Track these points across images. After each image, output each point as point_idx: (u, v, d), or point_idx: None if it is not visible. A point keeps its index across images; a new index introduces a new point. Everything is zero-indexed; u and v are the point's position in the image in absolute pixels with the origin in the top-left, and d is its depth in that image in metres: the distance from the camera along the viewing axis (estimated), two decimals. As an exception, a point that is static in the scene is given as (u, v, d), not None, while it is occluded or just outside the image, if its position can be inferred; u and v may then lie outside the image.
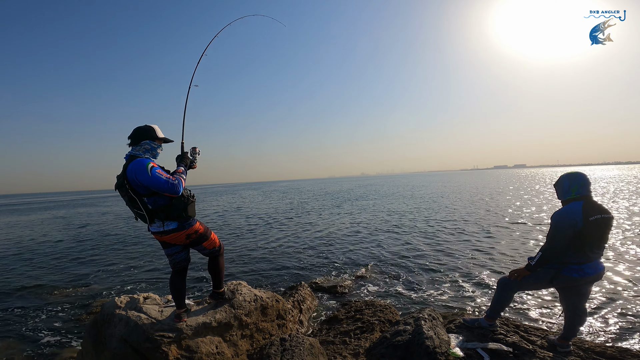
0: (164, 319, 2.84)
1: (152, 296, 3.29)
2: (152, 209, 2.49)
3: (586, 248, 2.52)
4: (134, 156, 2.49)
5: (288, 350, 2.90)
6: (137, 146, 2.54)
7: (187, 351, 2.72)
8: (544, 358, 2.49)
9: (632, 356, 2.60)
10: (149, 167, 2.38)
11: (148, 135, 2.55)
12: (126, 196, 2.49)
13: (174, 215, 2.54)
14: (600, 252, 2.58)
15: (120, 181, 2.48)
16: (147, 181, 2.37)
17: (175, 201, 2.54)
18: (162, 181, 2.40)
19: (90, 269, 8.57)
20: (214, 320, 2.96)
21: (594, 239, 2.52)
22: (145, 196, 2.47)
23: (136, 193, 2.44)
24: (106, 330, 2.86)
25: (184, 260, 2.85)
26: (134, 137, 2.55)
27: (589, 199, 2.60)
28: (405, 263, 7.59)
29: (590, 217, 2.49)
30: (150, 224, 2.58)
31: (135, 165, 2.39)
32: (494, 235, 10.09)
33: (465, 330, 2.94)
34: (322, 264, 7.92)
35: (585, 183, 2.62)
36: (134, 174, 2.38)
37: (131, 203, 2.50)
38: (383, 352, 2.70)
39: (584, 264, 2.53)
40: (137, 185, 2.42)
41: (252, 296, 3.44)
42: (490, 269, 6.77)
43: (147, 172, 2.36)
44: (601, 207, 2.57)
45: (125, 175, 2.43)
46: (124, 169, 2.46)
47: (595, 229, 2.50)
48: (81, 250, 11.14)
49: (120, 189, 2.50)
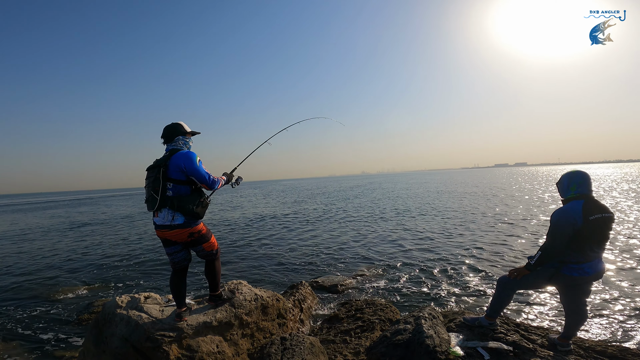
0: (165, 318, 2.84)
1: (152, 295, 3.30)
2: (170, 196, 2.63)
3: (586, 247, 2.51)
4: (176, 149, 2.75)
5: (289, 349, 2.91)
6: (173, 142, 2.79)
7: (188, 350, 2.72)
8: (544, 357, 2.49)
9: (632, 355, 2.60)
10: (197, 159, 2.71)
11: (179, 131, 2.81)
12: (153, 176, 2.65)
13: (185, 209, 2.64)
14: (601, 252, 2.57)
15: (157, 162, 2.71)
16: (194, 170, 2.67)
17: (194, 197, 2.72)
18: (204, 173, 2.73)
19: (91, 268, 8.59)
20: (215, 319, 2.97)
21: (595, 238, 2.50)
22: (173, 182, 2.64)
23: (166, 177, 2.62)
24: (107, 330, 2.87)
25: (184, 260, 2.88)
26: (167, 135, 2.80)
27: (589, 197, 2.58)
28: (405, 262, 7.59)
29: (590, 216, 2.48)
30: (157, 212, 2.66)
31: (186, 155, 2.68)
32: (495, 235, 10.09)
33: (465, 329, 2.94)
34: (322, 263, 7.93)
35: (584, 182, 2.60)
36: (182, 160, 2.64)
37: (154, 184, 2.63)
38: (383, 351, 2.70)
39: (583, 263, 2.52)
40: (178, 170, 2.63)
41: (252, 295, 3.44)
42: (490, 268, 6.77)
43: (196, 162, 2.68)
44: (602, 205, 2.56)
45: (166, 161, 2.65)
46: (166, 157, 2.70)
47: (596, 228, 2.48)
48: (82, 250, 11.16)
49: (152, 170, 2.70)
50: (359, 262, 7.80)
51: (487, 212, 15.29)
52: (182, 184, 2.68)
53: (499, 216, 13.72)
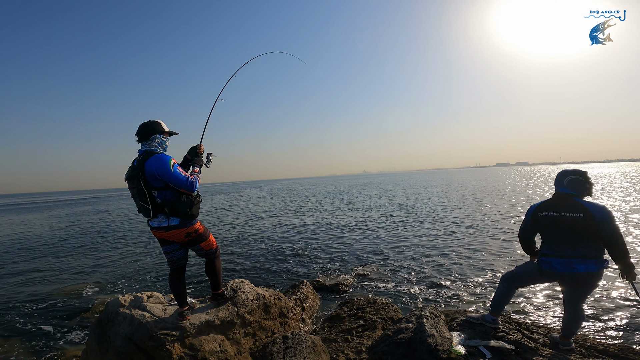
0: (168, 317, 2.85)
1: (155, 294, 3.31)
2: (160, 203, 2.54)
3: (547, 242, 2.64)
4: (150, 151, 2.57)
5: (290, 348, 2.92)
6: (149, 141, 2.62)
7: (191, 349, 2.73)
8: (546, 356, 2.49)
9: (634, 354, 2.60)
10: (171, 164, 2.51)
11: (156, 129, 2.65)
12: (135, 188, 2.54)
13: (179, 212, 2.58)
14: (573, 252, 2.48)
15: (134, 173, 2.53)
16: (169, 176, 2.48)
17: (183, 198, 2.61)
18: (181, 178, 2.53)
19: (94, 267, 8.62)
20: (217, 318, 2.98)
21: (545, 233, 2.66)
22: (157, 190, 2.52)
23: (148, 186, 2.50)
24: (110, 329, 2.88)
25: (182, 259, 2.86)
26: (143, 133, 2.63)
27: (557, 195, 2.68)
28: (407, 261, 7.59)
29: (539, 212, 2.66)
30: (152, 218, 2.61)
31: (158, 160, 2.49)
32: (497, 233, 10.09)
33: (467, 328, 2.95)
34: (324, 262, 7.94)
35: (558, 180, 2.72)
36: (154, 167, 2.47)
37: (139, 195, 2.54)
38: (385, 350, 2.71)
39: (551, 257, 2.57)
40: (154, 178, 2.49)
41: (254, 294, 3.45)
42: (492, 266, 6.77)
43: (170, 168, 2.49)
44: (560, 204, 2.57)
45: (142, 168, 2.49)
46: (140, 163, 2.52)
47: (541, 225, 2.64)
48: (84, 249, 11.20)
49: (131, 181, 2.56)
50: (360, 261, 7.81)
51: (488, 211, 15.28)
52: (166, 190, 2.55)
53: (501, 215, 13.71)
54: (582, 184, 2.62)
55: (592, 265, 2.45)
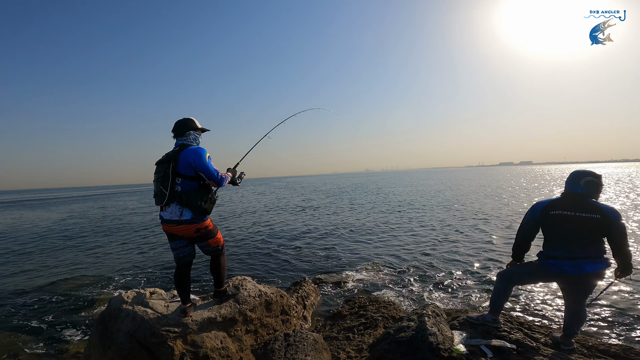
0: (170, 314, 2.87)
1: (158, 291, 3.33)
2: (179, 191, 2.65)
3: (555, 242, 2.58)
4: (186, 144, 2.76)
5: (292, 346, 2.93)
6: (183, 137, 2.80)
7: (193, 346, 2.75)
8: (547, 355, 2.48)
9: (635, 354, 2.59)
10: (207, 155, 2.72)
11: (191, 126, 2.83)
12: (162, 171, 2.66)
13: (193, 204, 2.66)
14: (583, 253, 2.48)
15: (167, 157, 2.71)
16: (203, 166, 2.67)
17: (202, 193, 2.73)
18: (213, 170, 2.73)
19: (97, 263, 8.68)
20: (219, 315, 2.99)
21: (556, 233, 2.59)
22: (182, 177, 2.65)
23: (175, 172, 2.64)
24: (113, 325, 2.90)
25: (189, 255, 2.89)
26: (178, 130, 2.81)
27: (568, 193, 2.64)
28: (408, 259, 7.59)
29: (551, 210, 2.60)
30: (165, 207, 2.68)
31: (196, 151, 2.69)
32: (499, 232, 10.06)
33: (468, 327, 2.94)
34: (325, 260, 7.95)
35: (571, 180, 2.67)
36: (192, 156, 2.66)
37: (163, 179, 2.65)
38: (386, 348, 2.71)
39: (559, 259, 2.54)
40: (188, 166, 2.65)
41: (256, 292, 3.46)
42: (493, 265, 6.75)
43: (205, 159, 2.69)
44: (574, 204, 2.54)
45: (176, 156, 2.66)
46: (176, 152, 2.71)
47: (553, 223, 2.58)
48: (88, 245, 11.28)
49: (161, 165, 2.71)
50: (362, 260, 7.82)
51: (492, 210, 15.23)
52: (191, 180, 2.69)
53: (503, 214, 13.65)
54: (598, 186, 2.62)
55: (599, 265, 2.48)
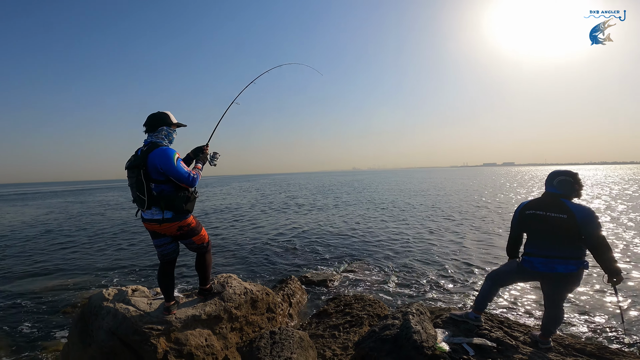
0: (153, 312, 2.82)
1: (140, 288, 3.26)
2: (156, 195, 2.54)
3: (530, 240, 2.69)
4: (155, 143, 2.58)
5: (278, 343, 2.93)
6: (155, 132, 2.63)
7: (176, 344, 2.71)
8: (526, 354, 2.56)
9: (610, 353, 2.69)
10: (175, 158, 2.53)
11: (164, 121, 2.65)
12: (135, 178, 2.53)
13: (174, 206, 2.58)
14: (555, 252, 2.52)
15: (136, 162, 2.53)
16: (171, 170, 2.51)
17: (180, 193, 2.62)
18: (183, 173, 2.56)
19: (79, 260, 8.45)
20: (204, 313, 2.96)
21: (530, 232, 2.71)
22: (155, 182, 2.53)
23: (147, 178, 2.51)
24: (93, 323, 2.83)
25: (173, 252, 2.84)
26: (150, 124, 2.64)
27: (545, 194, 2.72)
28: (394, 258, 7.68)
29: (526, 210, 2.70)
30: (146, 210, 2.59)
31: (162, 154, 2.51)
32: (484, 232, 10.27)
33: (451, 325, 3.00)
34: (312, 258, 7.96)
35: (548, 180, 2.75)
36: (158, 160, 2.49)
37: (137, 186, 2.53)
38: (371, 346, 2.73)
39: (532, 256, 2.62)
40: (156, 171, 2.51)
41: (242, 289, 3.44)
42: (479, 264, 6.90)
43: (173, 162, 2.51)
44: (547, 204, 2.61)
45: (145, 159, 2.50)
46: (144, 154, 2.53)
47: (527, 223, 2.68)
48: (67, 242, 10.96)
49: (132, 170, 2.55)
50: (348, 258, 7.86)
51: (477, 209, 15.54)
52: (165, 183, 2.57)
53: (489, 214, 13.96)
54: (572, 185, 2.64)
55: (571, 266, 2.48)
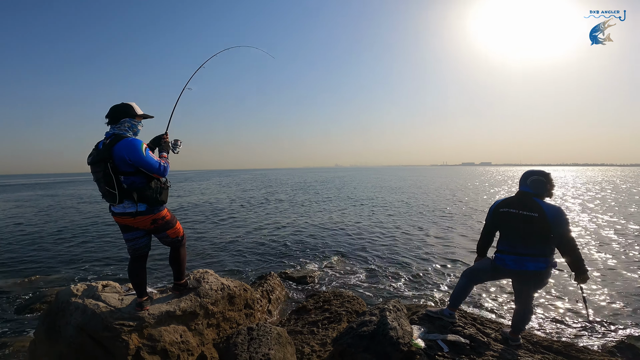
0: (125, 308, 2.72)
1: (111, 284, 3.14)
2: (127, 188, 2.44)
3: (502, 238, 2.76)
4: (118, 135, 2.45)
5: (255, 340, 2.89)
6: (118, 124, 2.50)
7: (150, 340, 2.63)
8: (496, 350, 2.64)
9: (576, 351, 2.82)
10: (143, 148, 2.44)
11: (127, 113, 2.53)
12: (101, 172, 2.40)
13: (147, 198, 2.50)
14: (526, 250, 2.60)
15: (100, 156, 2.40)
16: (141, 161, 2.41)
17: (152, 184, 2.53)
18: (154, 163, 2.47)
19: (48, 256, 8.09)
20: (179, 309, 2.88)
21: (502, 230, 2.77)
22: (125, 175, 2.42)
23: (116, 171, 2.39)
24: (61, 319, 2.71)
25: (145, 247, 2.74)
26: (112, 116, 2.51)
27: (518, 192, 2.80)
28: (373, 255, 7.77)
29: (500, 208, 2.77)
30: (117, 204, 2.47)
31: (129, 145, 2.40)
32: (462, 230, 10.55)
33: (427, 322, 3.06)
34: (292, 254, 7.94)
35: (522, 179, 2.82)
36: (125, 152, 2.38)
37: (105, 180, 2.41)
38: (349, 342, 2.75)
39: (504, 253, 2.69)
40: (124, 163, 2.39)
41: (219, 285, 3.38)
42: (456, 262, 7.09)
43: (142, 153, 2.42)
44: (520, 202, 2.68)
45: (111, 152, 2.37)
46: (107, 146, 2.40)
47: (501, 220, 2.75)
48: (38, 237, 10.47)
49: (96, 165, 2.42)
50: (328, 255, 7.89)
51: (455, 208, 15.92)
52: (135, 175, 2.46)
53: (463, 212, 14.34)
54: (544, 184, 2.71)
55: (541, 264, 2.56)
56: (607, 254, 7.54)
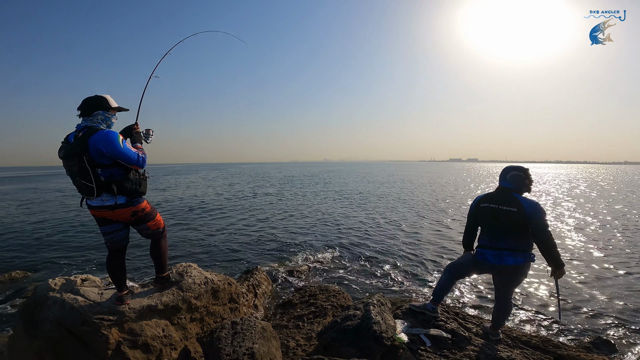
0: (104, 302, 2.67)
1: (91, 278, 3.07)
2: (105, 181, 2.38)
3: (483, 233, 2.83)
4: (91, 127, 2.38)
5: (239, 334, 2.87)
6: (90, 117, 2.42)
7: (130, 334, 2.59)
8: (477, 345, 2.70)
9: (553, 346, 2.91)
10: (120, 140, 2.40)
11: (100, 105, 2.44)
12: (76, 166, 2.32)
13: (126, 190, 2.45)
14: (505, 244, 2.66)
15: (73, 150, 2.32)
16: (118, 153, 2.37)
17: (131, 175, 2.49)
18: (132, 154, 2.44)
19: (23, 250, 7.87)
20: (160, 303, 2.84)
21: (483, 224, 2.84)
22: (102, 167, 2.36)
23: (92, 164, 2.32)
24: (39, 314, 2.64)
25: (124, 240, 2.68)
26: (85, 109, 2.42)
27: (499, 188, 2.84)
28: (359, 250, 7.83)
29: (481, 203, 2.82)
30: (95, 197, 2.41)
31: (106, 137, 2.34)
32: (446, 225, 10.70)
33: (410, 316, 3.10)
34: (278, 249, 7.93)
35: (502, 175, 2.87)
36: (102, 144, 2.32)
37: (81, 174, 2.33)
38: (334, 336, 2.76)
39: (484, 248, 2.76)
40: (101, 155, 2.32)
41: (202, 279, 3.34)
42: (440, 257, 7.19)
43: (119, 144, 2.38)
44: (499, 197, 2.73)
45: (86, 145, 2.29)
46: (81, 139, 2.32)
47: (481, 215, 2.80)
48: (18, 231, 10.16)
49: (70, 159, 2.34)
50: (314, 249, 7.91)
51: (441, 203, 16.14)
52: (112, 167, 2.41)
53: (452, 207, 14.55)
54: (522, 180, 2.77)
55: (519, 259, 2.62)
56: (583, 249, 7.77)
